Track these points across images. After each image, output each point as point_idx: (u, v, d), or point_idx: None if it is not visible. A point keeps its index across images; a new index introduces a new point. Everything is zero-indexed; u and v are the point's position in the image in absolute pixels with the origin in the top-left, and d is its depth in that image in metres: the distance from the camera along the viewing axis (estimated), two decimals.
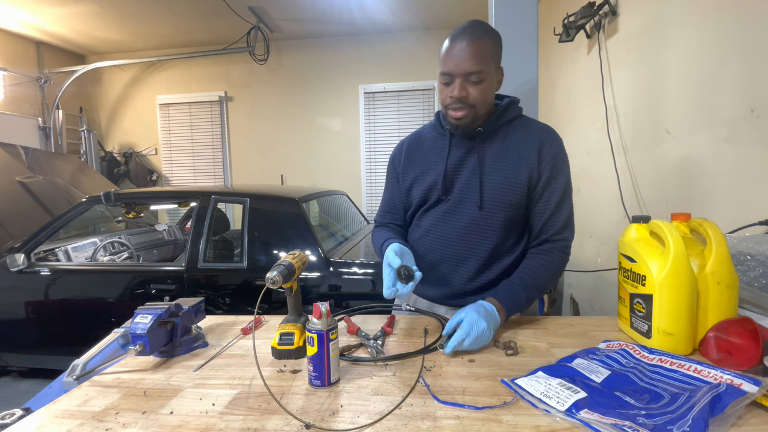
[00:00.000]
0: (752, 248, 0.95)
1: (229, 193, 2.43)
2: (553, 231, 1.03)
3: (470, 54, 0.92)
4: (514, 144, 1.02)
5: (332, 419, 0.64)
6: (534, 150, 1.00)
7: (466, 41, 0.93)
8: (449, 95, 0.96)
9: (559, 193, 1.01)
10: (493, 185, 1.01)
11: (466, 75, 0.93)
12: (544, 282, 1.01)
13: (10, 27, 4.31)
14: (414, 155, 1.12)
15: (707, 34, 1.42)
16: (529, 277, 1.00)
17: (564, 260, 1.04)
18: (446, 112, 1.00)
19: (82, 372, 0.84)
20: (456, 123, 0.99)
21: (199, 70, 4.99)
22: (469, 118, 0.97)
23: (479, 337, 0.85)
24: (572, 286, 2.86)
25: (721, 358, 0.76)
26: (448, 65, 0.94)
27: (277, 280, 0.79)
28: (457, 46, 0.93)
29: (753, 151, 1.20)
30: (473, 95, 0.95)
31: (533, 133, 1.03)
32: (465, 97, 0.95)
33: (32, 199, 3.17)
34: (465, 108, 0.96)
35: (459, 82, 0.94)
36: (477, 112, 0.97)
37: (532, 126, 1.05)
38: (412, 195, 1.12)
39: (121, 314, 1.53)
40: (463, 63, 0.92)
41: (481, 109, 0.97)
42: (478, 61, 0.92)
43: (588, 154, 2.47)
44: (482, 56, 0.93)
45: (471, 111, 0.96)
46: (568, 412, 0.61)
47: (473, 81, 0.94)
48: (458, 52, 0.93)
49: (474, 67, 0.92)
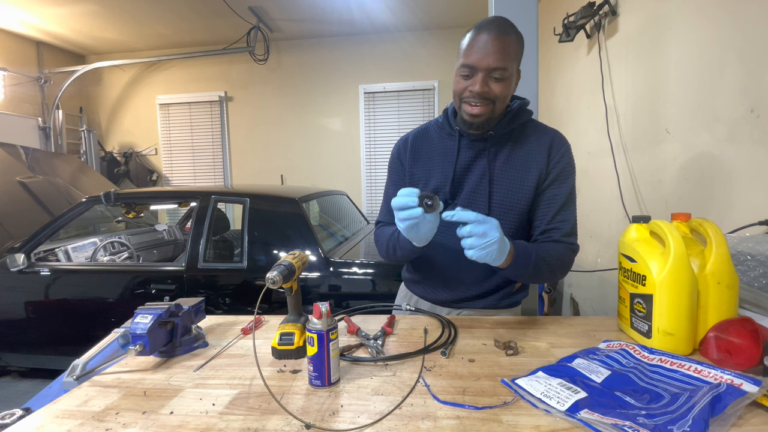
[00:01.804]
0: (752, 248, 0.95)
1: (229, 193, 2.43)
2: (562, 233, 0.99)
3: (497, 48, 0.87)
4: (524, 149, 0.99)
5: (332, 419, 0.64)
6: (544, 154, 0.98)
7: (494, 34, 0.87)
8: (469, 89, 0.91)
9: (564, 195, 0.99)
10: (502, 192, 0.99)
11: (490, 70, 0.88)
12: (553, 261, 0.94)
13: (10, 27, 4.31)
14: (420, 151, 1.08)
15: (707, 34, 1.42)
16: (539, 248, 0.94)
17: (570, 258, 1.00)
18: (460, 107, 0.95)
19: (82, 372, 0.84)
20: (470, 120, 0.94)
21: (199, 70, 4.99)
22: (485, 116, 0.93)
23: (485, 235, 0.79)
24: (572, 286, 2.86)
25: (721, 358, 0.76)
26: (471, 57, 0.89)
27: (277, 280, 0.79)
28: (484, 38, 0.88)
29: (753, 151, 1.20)
30: (494, 92, 0.90)
31: (543, 137, 1.00)
32: (486, 93, 0.90)
33: (32, 199, 3.17)
34: (483, 105, 0.91)
35: (481, 76, 0.89)
36: (494, 110, 0.93)
37: (542, 130, 1.02)
38: None
39: (121, 314, 1.53)
40: (488, 57, 0.87)
41: (499, 108, 0.93)
42: (504, 57, 0.88)
43: (588, 154, 2.47)
44: (508, 53, 0.89)
45: (488, 109, 0.92)
46: (568, 412, 0.61)
47: (495, 77, 0.89)
48: (484, 45, 0.88)
49: (499, 62, 0.88)
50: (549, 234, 0.99)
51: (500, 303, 1.09)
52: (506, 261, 0.86)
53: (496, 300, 1.08)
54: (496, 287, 1.07)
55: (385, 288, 1.96)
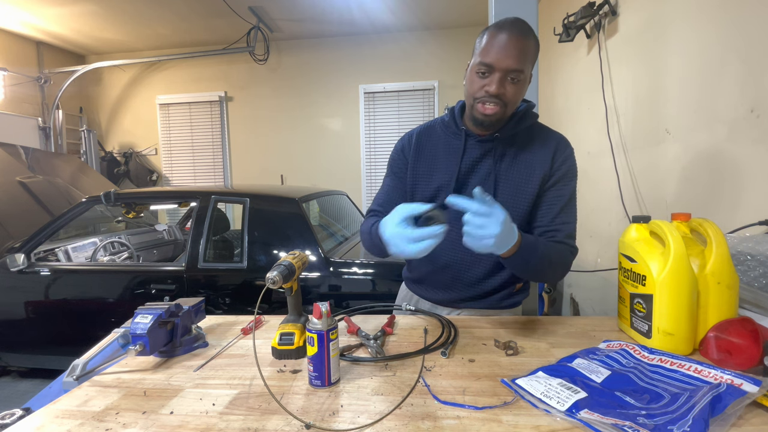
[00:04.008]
0: (752, 248, 0.95)
1: (229, 193, 2.43)
2: (561, 235, 0.99)
3: (517, 50, 0.86)
4: (528, 152, 0.99)
5: (332, 419, 0.64)
6: (548, 158, 0.98)
7: (515, 36, 0.86)
8: (485, 88, 0.90)
9: (566, 198, 0.99)
10: (506, 194, 0.99)
11: (507, 71, 0.87)
12: (554, 257, 0.94)
13: (10, 27, 4.31)
14: (424, 149, 1.07)
15: (707, 33, 1.42)
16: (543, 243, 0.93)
17: (569, 258, 0.99)
18: (474, 105, 0.94)
19: (82, 372, 0.84)
20: (483, 119, 0.93)
21: (199, 70, 4.99)
22: (499, 115, 0.92)
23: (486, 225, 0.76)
24: (572, 286, 2.87)
25: (721, 358, 0.76)
26: (490, 56, 0.87)
27: (277, 280, 0.79)
28: (504, 38, 0.86)
29: (753, 151, 1.20)
30: (509, 94, 0.89)
31: (548, 141, 1.00)
32: (502, 94, 0.89)
33: (32, 199, 3.17)
34: (498, 105, 0.90)
35: (498, 76, 0.87)
36: (506, 112, 0.93)
37: (546, 133, 1.03)
38: (417, 191, 1.07)
39: (121, 314, 1.53)
40: (507, 58, 0.86)
41: (509, 110, 0.93)
42: (522, 59, 0.87)
43: (588, 154, 2.47)
44: (527, 56, 0.88)
45: (502, 110, 0.91)
46: (568, 412, 0.61)
47: (512, 79, 0.88)
48: (504, 45, 0.86)
49: (518, 64, 0.86)
50: (550, 235, 1.00)
51: (501, 303, 1.09)
52: (510, 251, 0.84)
53: (496, 300, 1.08)
54: (496, 288, 1.06)
55: (385, 288, 1.96)
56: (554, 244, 0.97)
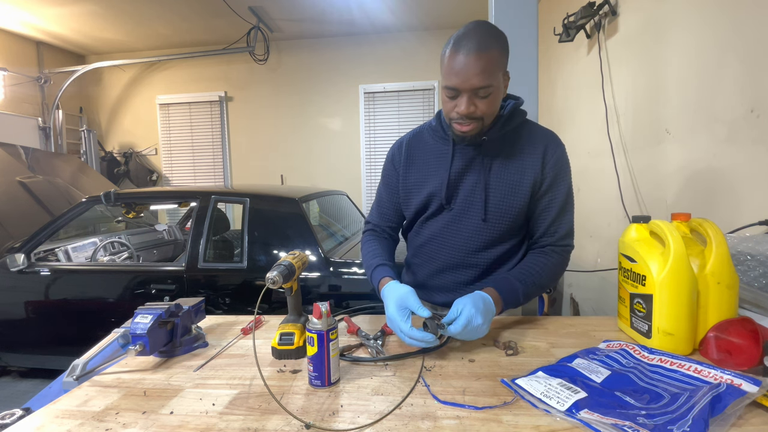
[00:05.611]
0: (752, 248, 0.95)
1: (229, 193, 2.43)
2: (558, 236, 1.01)
3: (479, 68, 0.84)
4: (518, 152, 0.99)
5: (332, 419, 0.64)
6: (538, 156, 0.98)
7: (473, 54, 0.84)
8: (456, 110, 0.90)
9: (561, 199, 0.99)
10: (498, 196, 0.99)
11: (474, 90, 0.86)
12: (544, 280, 0.99)
13: (10, 27, 4.31)
14: (415, 157, 1.08)
15: (707, 34, 1.42)
16: (529, 274, 0.98)
17: (564, 263, 1.03)
18: (451, 124, 0.95)
19: (82, 372, 0.84)
20: (463, 135, 0.94)
21: (199, 70, 4.99)
22: (476, 130, 0.93)
23: (475, 331, 0.83)
24: (572, 286, 2.86)
25: (721, 358, 0.76)
26: (453, 80, 0.87)
27: (277, 280, 0.79)
28: (463, 59, 0.84)
29: (753, 151, 1.20)
30: (481, 109, 0.89)
31: (537, 139, 1.00)
32: (472, 113, 0.89)
33: (32, 199, 3.17)
34: (473, 122, 0.91)
35: (466, 97, 0.87)
36: (485, 123, 0.93)
37: (536, 132, 1.02)
38: (410, 200, 1.08)
39: (121, 314, 1.53)
40: (470, 79, 0.85)
41: (488, 120, 0.94)
42: (487, 75, 0.85)
43: (588, 154, 2.47)
44: (490, 69, 0.85)
45: (479, 124, 0.92)
46: (568, 412, 0.61)
47: (481, 95, 0.88)
48: (464, 66, 0.85)
49: (482, 81, 0.85)
50: (546, 239, 1.02)
51: None
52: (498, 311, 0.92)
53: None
54: None
55: None
56: (541, 259, 1.00)
